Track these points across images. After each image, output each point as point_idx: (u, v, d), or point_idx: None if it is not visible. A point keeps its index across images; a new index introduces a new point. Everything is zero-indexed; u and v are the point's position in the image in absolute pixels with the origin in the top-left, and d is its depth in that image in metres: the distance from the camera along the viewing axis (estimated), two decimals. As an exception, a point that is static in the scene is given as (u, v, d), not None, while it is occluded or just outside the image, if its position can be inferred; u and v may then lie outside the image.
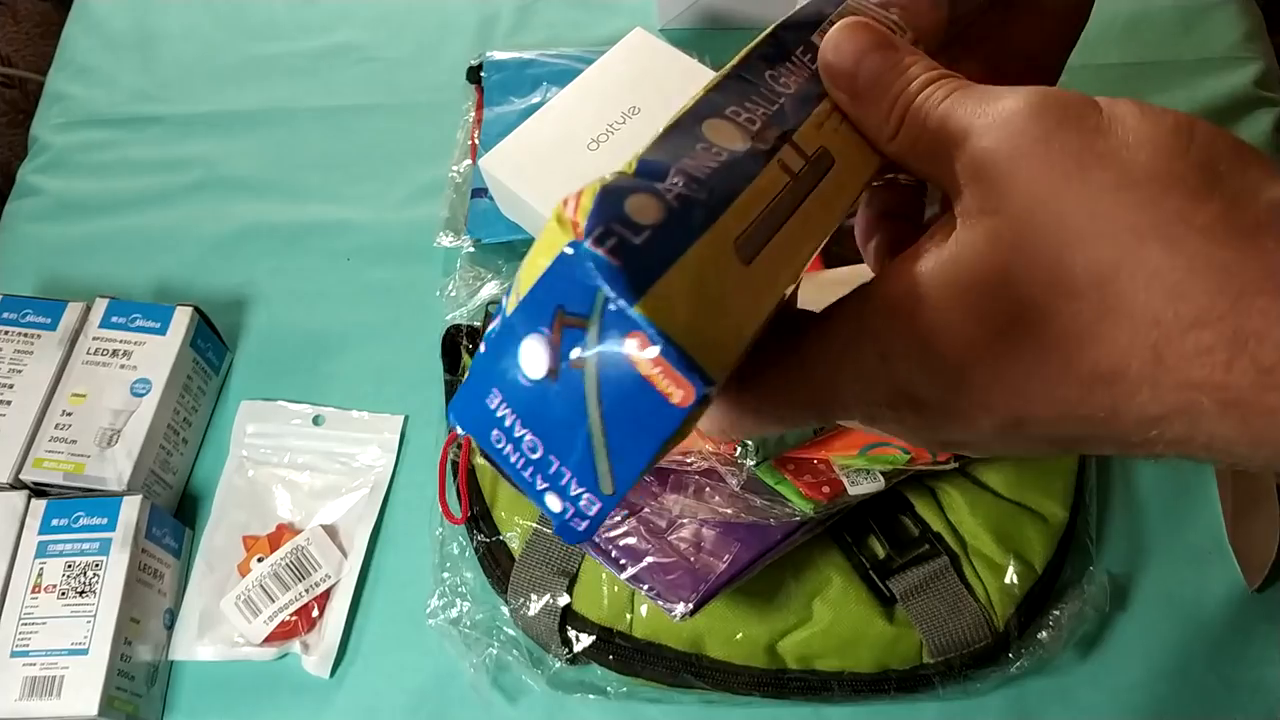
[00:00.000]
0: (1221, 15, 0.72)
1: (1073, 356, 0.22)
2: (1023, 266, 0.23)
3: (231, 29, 0.78)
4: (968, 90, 0.25)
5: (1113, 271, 0.22)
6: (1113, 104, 0.24)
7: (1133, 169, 0.22)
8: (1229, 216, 0.21)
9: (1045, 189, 0.23)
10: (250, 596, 0.54)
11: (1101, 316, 0.22)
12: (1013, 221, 0.23)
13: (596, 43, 0.68)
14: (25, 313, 0.59)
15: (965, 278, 0.23)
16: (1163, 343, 0.21)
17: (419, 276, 0.65)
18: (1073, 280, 0.22)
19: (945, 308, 0.24)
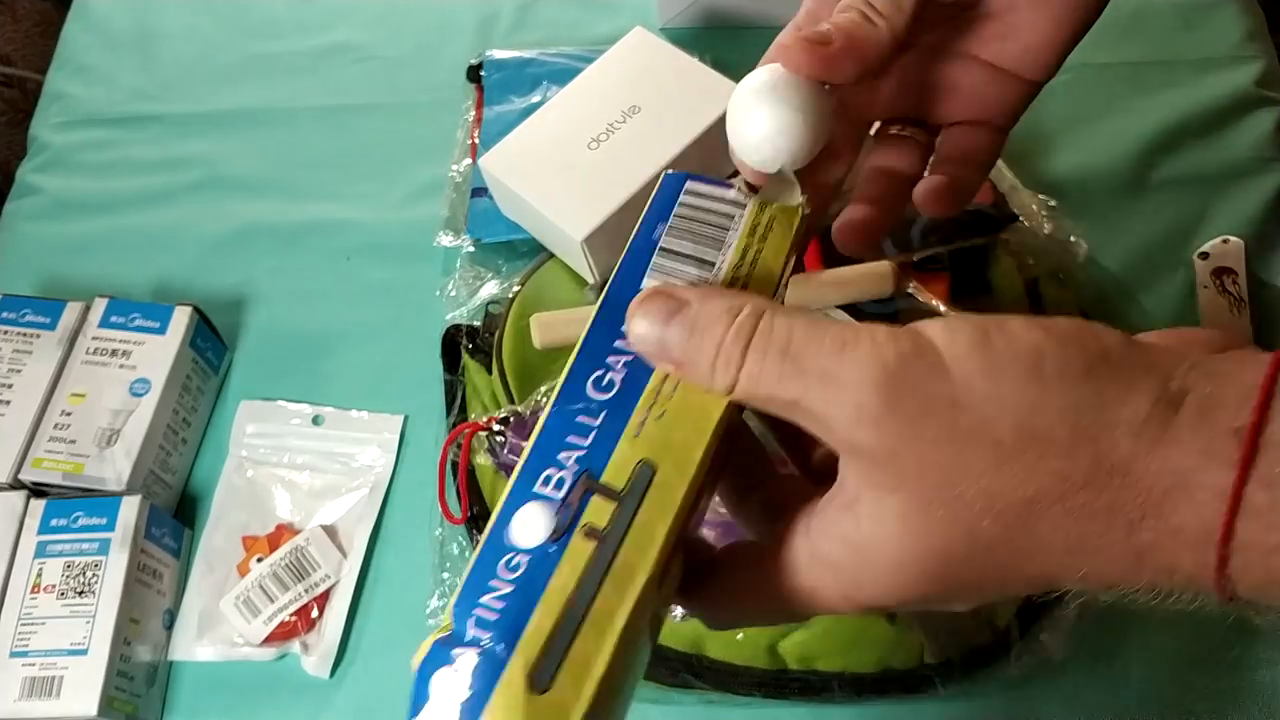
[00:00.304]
0: (1223, 14, 0.72)
1: (1008, 578, 0.27)
2: (939, 540, 0.26)
3: (231, 28, 0.78)
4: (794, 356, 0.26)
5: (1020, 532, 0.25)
6: (955, 358, 0.26)
7: (1002, 443, 0.25)
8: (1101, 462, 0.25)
9: (934, 483, 0.26)
10: (250, 597, 0.54)
11: (1023, 560, 0.26)
12: (915, 500, 0.26)
13: (597, 42, 0.68)
14: (24, 312, 0.59)
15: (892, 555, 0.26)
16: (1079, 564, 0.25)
17: (419, 276, 0.65)
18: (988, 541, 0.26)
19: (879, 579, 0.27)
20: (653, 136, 0.57)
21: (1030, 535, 0.25)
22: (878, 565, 0.27)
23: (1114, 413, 0.25)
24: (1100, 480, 0.25)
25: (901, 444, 0.25)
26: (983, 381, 0.25)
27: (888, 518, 0.26)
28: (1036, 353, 0.25)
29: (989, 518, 0.25)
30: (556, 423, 0.29)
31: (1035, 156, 0.67)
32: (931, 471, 0.25)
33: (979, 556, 0.26)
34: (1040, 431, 0.25)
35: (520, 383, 0.54)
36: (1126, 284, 0.62)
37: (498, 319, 0.58)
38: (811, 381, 0.26)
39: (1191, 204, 0.65)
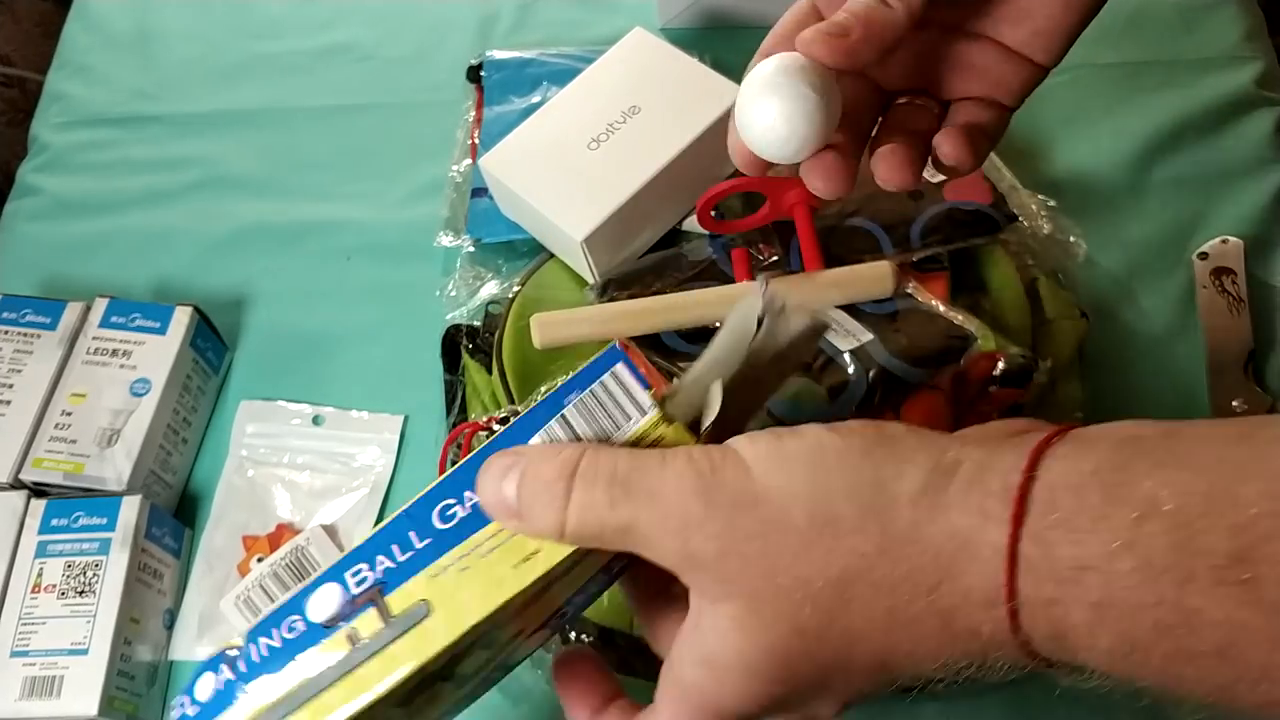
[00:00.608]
0: (1222, 15, 0.72)
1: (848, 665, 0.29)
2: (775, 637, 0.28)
3: (231, 28, 0.78)
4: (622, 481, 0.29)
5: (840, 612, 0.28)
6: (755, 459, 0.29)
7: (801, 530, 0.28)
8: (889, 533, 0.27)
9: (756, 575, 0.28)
10: (250, 596, 0.54)
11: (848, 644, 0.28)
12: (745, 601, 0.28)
13: (597, 42, 0.68)
14: (25, 312, 0.59)
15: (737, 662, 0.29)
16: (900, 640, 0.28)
17: (419, 276, 0.65)
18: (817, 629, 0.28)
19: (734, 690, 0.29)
20: (652, 137, 0.57)
21: (848, 616, 0.27)
22: (729, 678, 0.29)
23: (893, 486, 0.27)
24: (894, 550, 0.27)
25: (724, 543, 0.28)
26: (776, 477, 0.28)
27: (725, 626, 0.28)
28: (819, 445, 0.28)
29: (808, 605, 0.27)
30: (394, 527, 0.32)
31: (1034, 157, 0.67)
32: (752, 566, 0.28)
33: (811, 647, 0.28)
34: (830, 514, 0.27)
35: (520, 383, 0.54)
36: (1126, 284, 0.62)
37: (498, 319, 0.58)
38: (640, 501, 0.28)
39: (1191, 204, 0.65)
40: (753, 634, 0.28)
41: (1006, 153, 0.63)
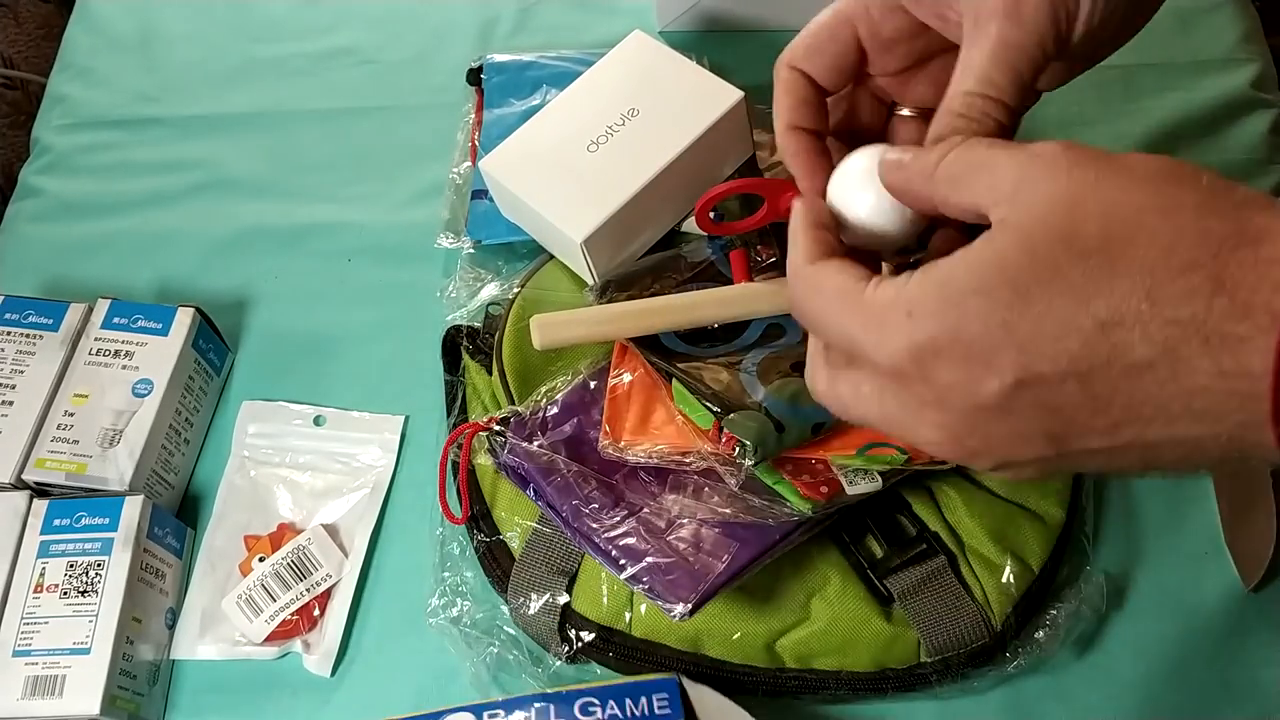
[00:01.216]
0: (1219, 17, 0.73)
1: (1079, 307, 0.26)
2: (1044, 238, 0.27)
3: (233, 31, 0.78)
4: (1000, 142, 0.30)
5: (1120, 234, 0.26)
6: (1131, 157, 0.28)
7: (1138, 170, 0.27)
8: (1214, 199, 0.26)
9: (1067, 188, 0.27)
10: (252, 596, 0.54)
11: (1107, 269, 0.26)
12: (1032, 217, 0.27)
13: (596, 45, 0.69)
14: (27, 313, 0.59)
15: (994, 257, 0.27)
16: (1155, 287, 0.25)
17: (419, 277, 0.65)
18: (1085, 242, 0.26)
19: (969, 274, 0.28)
20: (651, 139, 0.57)
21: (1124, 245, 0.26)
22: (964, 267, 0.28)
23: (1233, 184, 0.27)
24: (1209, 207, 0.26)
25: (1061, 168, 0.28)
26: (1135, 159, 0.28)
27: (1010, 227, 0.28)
28: None
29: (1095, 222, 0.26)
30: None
31: (1032, 159, 0.67)
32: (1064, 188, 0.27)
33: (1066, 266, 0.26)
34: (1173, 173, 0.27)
35: (520, 383, 0.54)
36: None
37: (498, 320, 0.58)
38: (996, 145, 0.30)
39: (1187, 206, 0.65)
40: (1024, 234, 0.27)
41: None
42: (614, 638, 0.51)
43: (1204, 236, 0.25)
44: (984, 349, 0.27)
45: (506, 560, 0.53)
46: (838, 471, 0.48)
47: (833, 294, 0.31)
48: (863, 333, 0.30)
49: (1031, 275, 0.27)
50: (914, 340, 0.28)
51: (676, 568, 0.47)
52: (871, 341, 0.30)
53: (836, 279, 0.31)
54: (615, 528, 0.49)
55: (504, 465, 0.52)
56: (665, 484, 0.50)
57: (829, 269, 0.32)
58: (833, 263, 0.32)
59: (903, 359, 0.29)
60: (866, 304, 0.30)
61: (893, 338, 0.29)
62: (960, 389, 0.28)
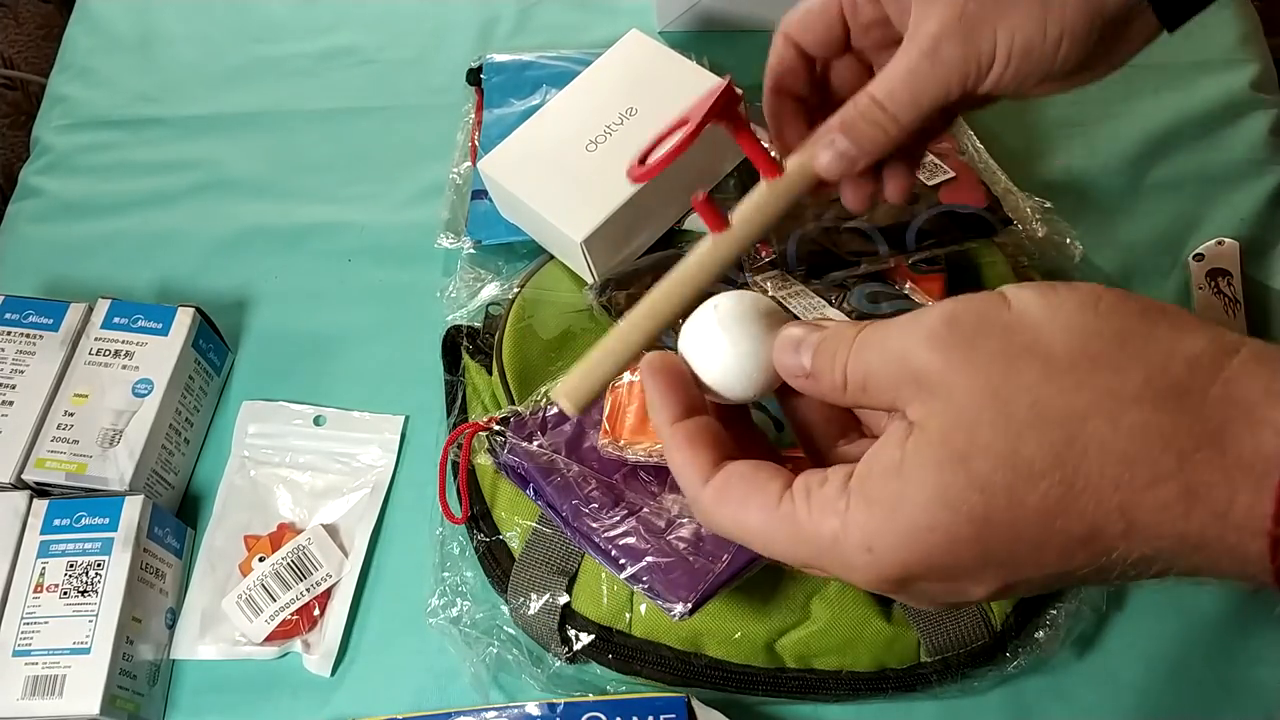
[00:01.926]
0: (1218, 18, 0.73)
1: (1048, 529, 0.25)
2: (988, 465, 0.25)
3: (233, 31, 0.78)
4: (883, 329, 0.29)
5: (1066, 451, 0.25)
6: (1017, 294, 0.27)
7: (1054, 358, 0.25)
8: (1154, 383, 0.25)
9: (983, 394, 0.26)
10: (252, 596, 0.54)
11: (1066, 491, 0.25)
12: (962, 429, 0.26)
13: (596, 45, 0.69)
14: (27, 313, 0.59)
15: (938, 490, 0.26)
16: (1127, 504, 0.24)
17: (419, 278, 0.65)
18: (1030, 465, 0.25)
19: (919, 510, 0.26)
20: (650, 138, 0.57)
21: (1076, 462, 0.24)
22: (911, 502, 0.26)
23: (1169, 344, 0.25)
24: (1153, 399, 0.24)
25: (960, 357, 0.26)
26: (1039, 311, 0.26)
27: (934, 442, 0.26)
28: (1093, 293, 0.26)
29: (1034, 435, 0.25)
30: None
31: (1030, 159, 0.67)
32: (983, 383, 0.26)
33: (1021, 492, 0.25)
34: (1090, 351, 0.25)
35: (520, 383, 0.54)
36: (1122, 285, 0.62)
37: (498, 320, 0.58)
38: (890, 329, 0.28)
39: (1186, 206, 0.65)
40: (961, 456, 0.25)
41: (1003, 155, 0.63)
42: (614, 638, 0.51)
43: (1161, 441, 0.24)
44: (964, 571, 0.27)
45: (506, 560, 0.53)
46: (837, 471, 0.48)
47: (761, 522, 0.29)
48: (820, 560, 0.28)
49: (987, 510, 0.25)
50: (886, 575, 0.27)
51: (676, 567, 0.47)
52: (836, 569, 0.28)
53: (754, 497, 0.29)
54: (615, 527, 0.49)
55: (504, 465, 0.52)
56: (665, 484, 0.50)
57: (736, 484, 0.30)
58: (736, 472, 0.30)
59: (882, 586, 0.28)
60: (811, 533, 0.28)
61: (861, 572, 0.28)
62: (948, 594, 0.28)
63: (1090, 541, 0.25)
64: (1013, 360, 0.26)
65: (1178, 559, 0.25)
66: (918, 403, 0.27)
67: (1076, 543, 0.25)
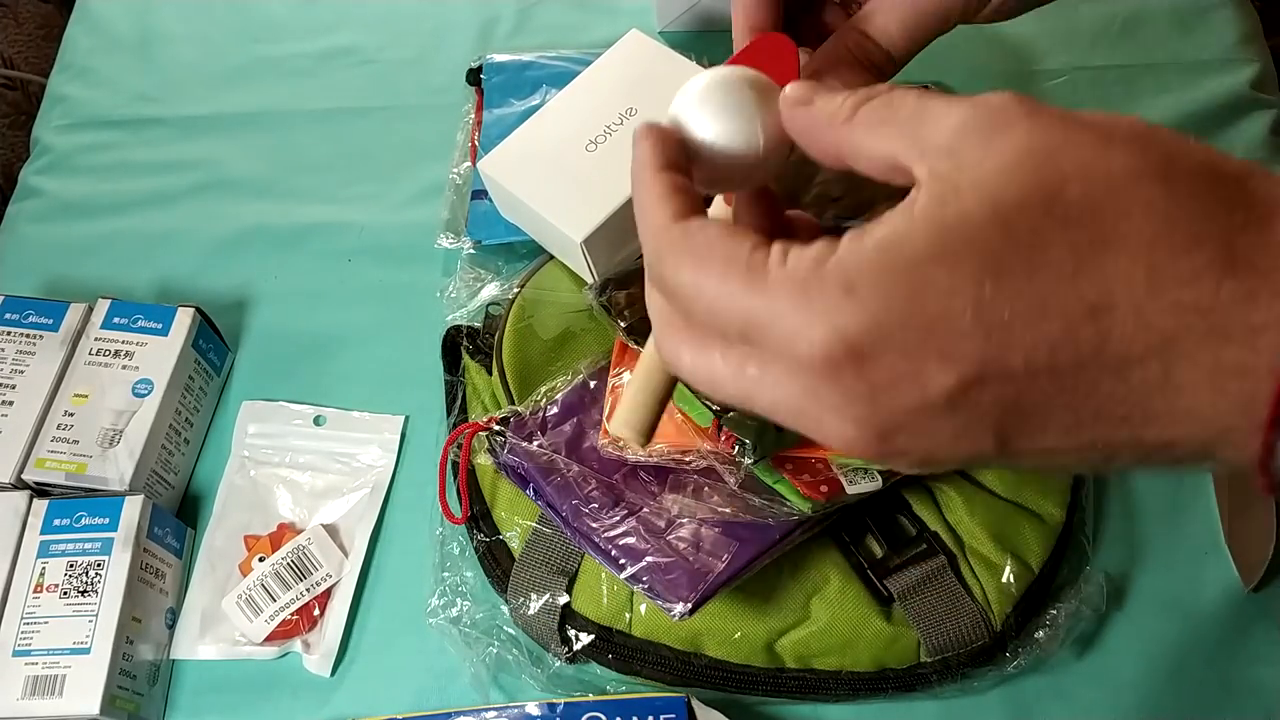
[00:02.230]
0: (1218, 17, 0.73)
1: (1064, 285, 0.22)
2: (1015, 200, 0.22)
3: (233, 31, 0.78)
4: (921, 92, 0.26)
5: (1109, 202, 0.22)
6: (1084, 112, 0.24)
7: (1118, 128, 0.23)
8: (1214, 163, 0.22)
9: (1026, 150, 0.23)
10: (251, 596, 0.54)
11: (1098, 241, 0.22)
12: (1000, 174, 0.23)
13: (596, 45, 0.69)
14: (27, 314, 0.59)
15: (957, 219, 0.22)
16: (1156, 266, 0.21)
17: (419, 278, 0.65)
18: (1067, 209, 0.22)
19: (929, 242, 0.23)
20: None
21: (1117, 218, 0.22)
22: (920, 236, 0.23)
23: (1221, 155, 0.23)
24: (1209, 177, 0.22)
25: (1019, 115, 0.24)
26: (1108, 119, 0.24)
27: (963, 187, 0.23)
28: None
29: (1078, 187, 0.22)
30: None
31: (1031, 159, 0.67)
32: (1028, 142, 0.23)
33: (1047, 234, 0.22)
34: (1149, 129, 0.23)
35: (520, 383, 0.54)
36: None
37: (498, 320, 0.58)
38: None
39: (1187, 206, 0.65)
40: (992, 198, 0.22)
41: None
42: (614, 638, 0.51)
43: (1207, 209, 0.22)
44: (943, 334, 0.22)
45: (506, 560, 0.53)
46: (838, 470, 0.48)
47: (722, 263, 0.25)
48: (772, 312, 0.24)
49: (1005, 244, 0.22)
50: (853, 322, 0.22)
51: (676, 567, 0.47)
52: (786, 324, 0.23)
53: (722, 245, 0.25)
54: (615, 527, 0.49)
55: (504, 465, 0.52)
56: (665, 483, 0.50)
57: (708, 231, 0.26)
58: (710, 223, 0.26)
59: (836, 348, 0.23)
60: (778, 278, 0.24)
61: (822, 320, 0.23)
62: (904, 384, 0.23)
63: (1099, 313, 0.22)
64: (1070, 124, 0.23)
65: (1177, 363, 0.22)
66: (942, 157, 0.24)
67: (1085, 312, 0.22)
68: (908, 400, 0.23)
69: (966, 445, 0.24)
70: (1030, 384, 0.22)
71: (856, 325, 0.23)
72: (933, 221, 0.23)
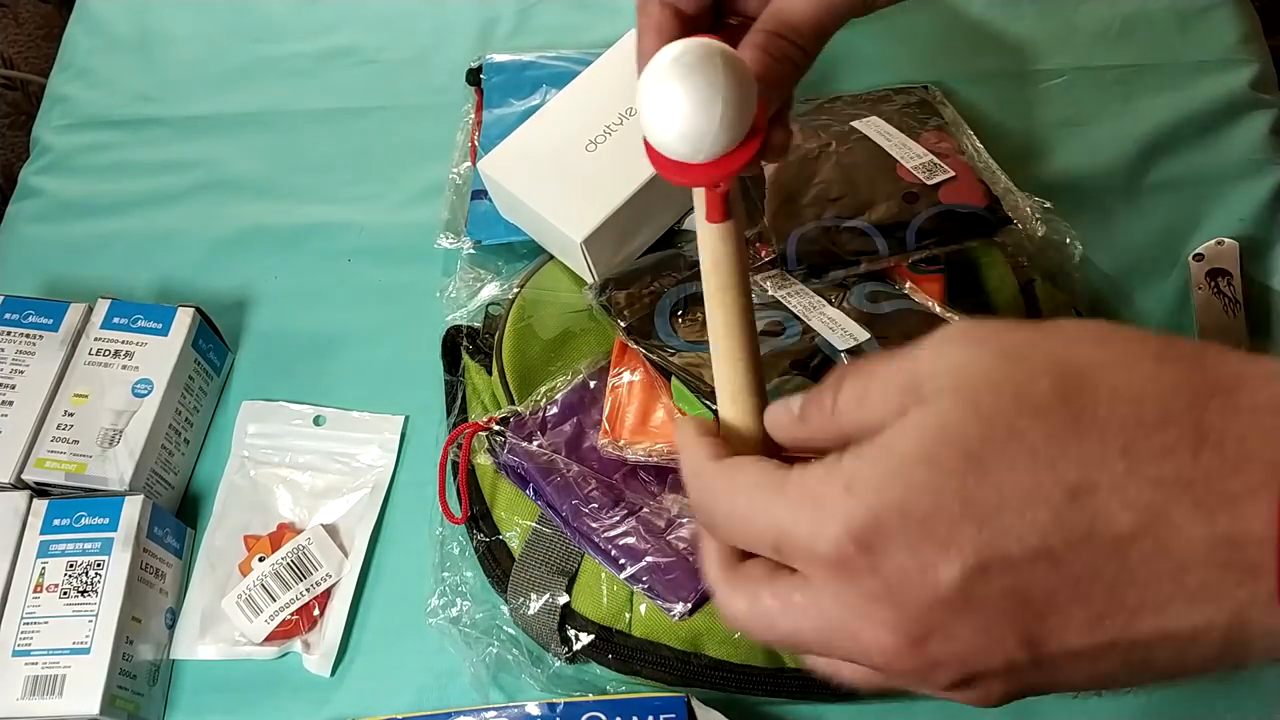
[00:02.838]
0: (1218, 17, 0.73)
1: (1044, 471, 0.23)
2: (990, 397, 0.24)
3: (233, 31, 0.78)
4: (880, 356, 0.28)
5: (1078, 389, 0.24)
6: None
7: (1073, 328, 0.25)
8: (1172, 346, 0.24)
9: (994, 355, 0.25)
10: (251, 596, 0.54)
11: (1070, 427, 0.23)
12: (973, 380, 0.25)
13: (596, 45, 0.69)
14: (27, 314, 0.59)
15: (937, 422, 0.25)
16: (1130, 444, 0.23)
17: (419, 278, 0.65)
18: (1038, 399, 0.24)
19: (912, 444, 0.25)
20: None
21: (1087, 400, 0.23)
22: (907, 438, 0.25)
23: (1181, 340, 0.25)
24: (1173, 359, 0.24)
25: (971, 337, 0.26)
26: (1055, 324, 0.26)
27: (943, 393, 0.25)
28: None
29: (1048, 379, 0.24)
30: None
31: (1030, 159, 0.67)
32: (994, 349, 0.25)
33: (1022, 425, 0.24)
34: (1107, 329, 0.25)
35: (520, 383, 0.54)
36: (1121, 285, 0.63)
37: (497, 320, 0.58)
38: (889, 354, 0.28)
39: (1186, 206, 0.65)
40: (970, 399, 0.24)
41: (1003, 155, 0.63)
42: (614, 638, 0.51)
43: (1173, 386, 0.23)
44: (938, 525, 0.24)
45: (506, 560, 0.53)
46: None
47: (750, 486, 0.28)
48: (793, 519, 0.26)
49: (983, 438, 0.24)
50: (855, 516, 0.25)
51: (676, 567, 0.47)
52: (805, 528, 0.26)
53: (752, 471, 0.28)
54: (615, 527, 0.49)
55: (504, 465, 0.52)
56: (665, 483, 0.50)
57: (742, 463, 0.29)
58: (743, 458, 0.29)
59: (844, 542, 0.25)
60: (793, 487, 0.26)
61: (831, 518, 0.25)
62: (914, 578, 0.24)
63: (1081, 494, 0.23)
64: (1029, 331, 0.25)
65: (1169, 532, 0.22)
66: (927, 387, 0.25)
67: (1067, 494, 0.23)
68: (922, 594, 0.24)
69: (994, 651, 0.25)
70: (1031, 570, 0.23)
71: (858, 519, 0.25)
72: (918, 426, 0.25)
